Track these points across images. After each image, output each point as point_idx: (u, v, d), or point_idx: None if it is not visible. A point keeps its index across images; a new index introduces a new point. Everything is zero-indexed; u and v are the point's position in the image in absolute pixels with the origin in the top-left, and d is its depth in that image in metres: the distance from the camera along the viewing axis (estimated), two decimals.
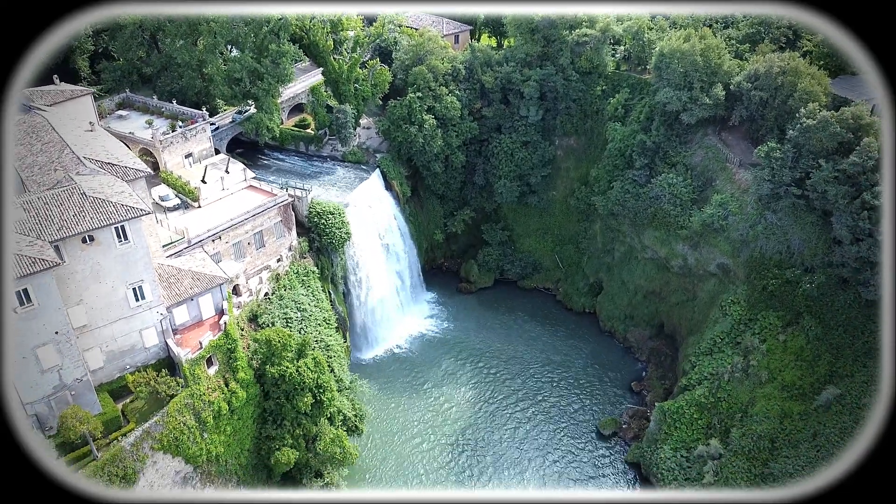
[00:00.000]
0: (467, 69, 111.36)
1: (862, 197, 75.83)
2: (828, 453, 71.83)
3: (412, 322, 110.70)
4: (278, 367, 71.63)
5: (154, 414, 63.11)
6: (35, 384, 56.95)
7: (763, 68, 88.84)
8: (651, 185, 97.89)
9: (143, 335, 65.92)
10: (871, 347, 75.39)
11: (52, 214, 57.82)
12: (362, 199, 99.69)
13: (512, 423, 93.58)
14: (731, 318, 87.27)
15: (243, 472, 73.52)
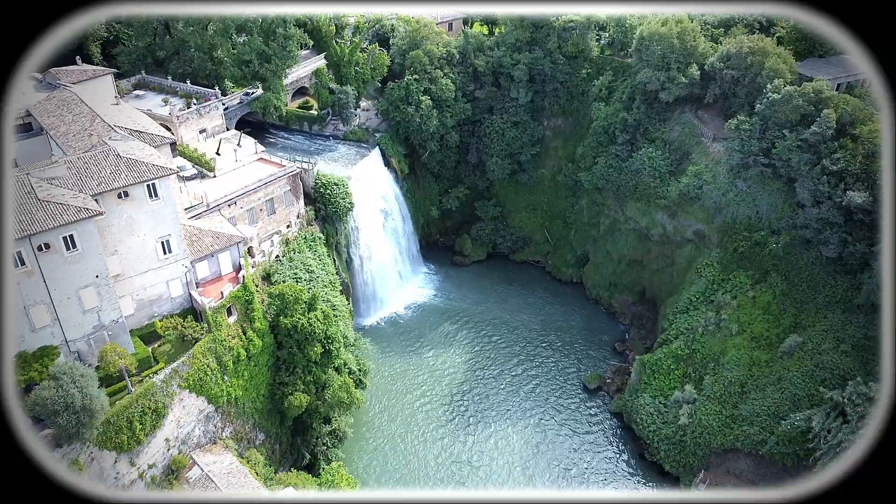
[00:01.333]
0: (461, 54, 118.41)
1: (822, 163, 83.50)
2: (791, 394, 79.42)
3: (410, 291, 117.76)
4: (291, 318, 78.45)
5: (181, 356, 69.93)
6: (77, 323, 63.62)
7: (734, 49, 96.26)
8: (632, 159, 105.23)
9: (170, 286, 72.66)
10: (832, 300, 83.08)
11: (91, 173, 64.51)
12: (364, 173, 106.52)
13: (504, 380, 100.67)
14: (706, 279, 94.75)
15: (259, 415, 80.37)
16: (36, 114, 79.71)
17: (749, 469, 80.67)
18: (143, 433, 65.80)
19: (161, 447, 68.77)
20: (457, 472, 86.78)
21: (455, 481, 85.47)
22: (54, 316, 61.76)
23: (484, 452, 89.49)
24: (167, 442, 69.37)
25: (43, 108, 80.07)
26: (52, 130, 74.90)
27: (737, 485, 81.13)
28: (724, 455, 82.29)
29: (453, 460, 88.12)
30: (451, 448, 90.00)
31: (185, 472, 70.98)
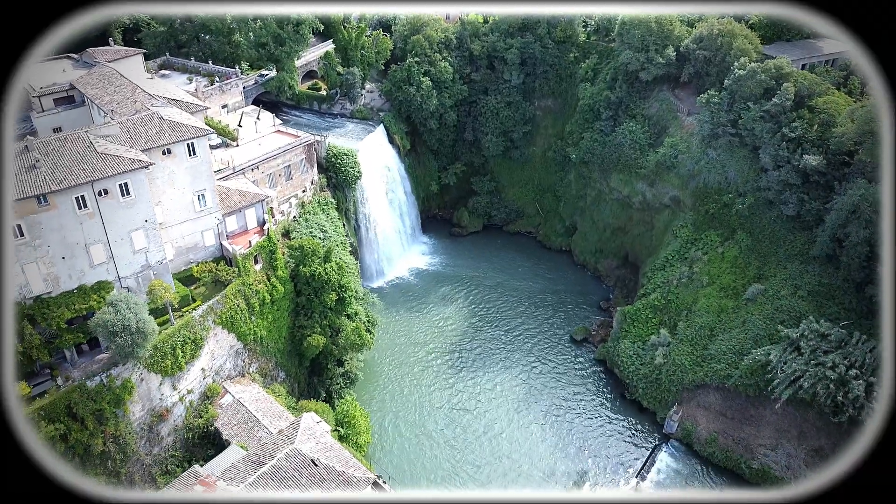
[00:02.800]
0: (458, 39, 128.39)
1: (782, 131, 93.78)
2: (753, 334, 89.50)
3: (412, 258, 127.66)
4: (309, 268, 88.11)
5: (215, 296, 79.49)
6: (128, 262, 73.05)
7: (706, 31, 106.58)
8: (615, 133, 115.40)
9: (204, 235, 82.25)
10: (790, 253, 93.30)
11: (139, 132, 74.07)
12: (370, 147, 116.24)
13: (499, 334, 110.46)
14: (681, 239, 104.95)
15: (280, 355, 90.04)
16: (80, 87, 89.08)
17: (717, 401, 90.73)
18: (184, 360, 75.46)
19: (198, 375, 78.47)
20: (457, 411, 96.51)
21: (454, 419, 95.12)
22: (109, 254, 71.22)
23: (481, 395, 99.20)
24: (203, 371, 79.07)
25: (86, 82, 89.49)
26: (96, 100, 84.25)
27: (706, 417, 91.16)
28: (695, 390, 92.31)
29: (453, 405, 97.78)
30: (450, 390, 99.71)
31: (218, 399, 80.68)
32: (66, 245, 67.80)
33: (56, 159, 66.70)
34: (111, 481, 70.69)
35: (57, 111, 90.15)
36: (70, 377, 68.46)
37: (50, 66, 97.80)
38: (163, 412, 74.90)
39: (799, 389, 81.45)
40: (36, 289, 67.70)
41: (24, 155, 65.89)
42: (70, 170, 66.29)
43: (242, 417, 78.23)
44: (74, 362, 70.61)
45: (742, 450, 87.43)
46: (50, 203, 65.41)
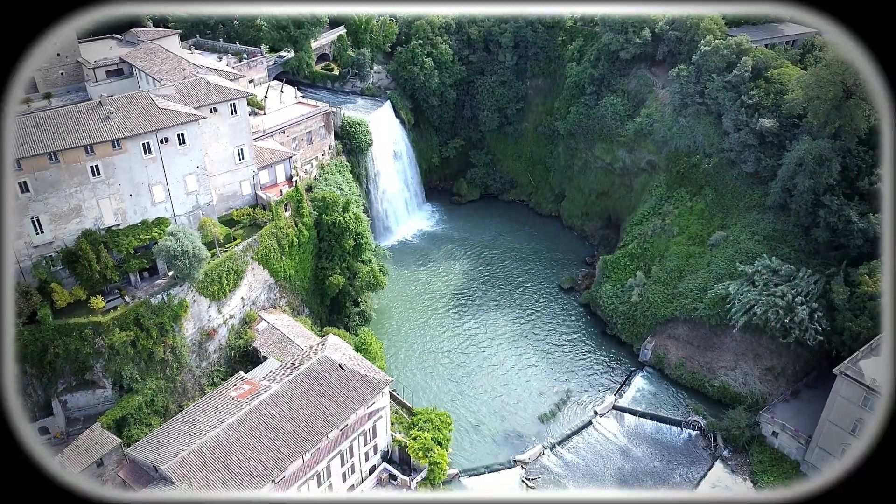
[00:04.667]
0: (457, 24, 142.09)
1: (741, 99, 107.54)
2: (716, 273, 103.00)
3: (416, 222, 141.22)
4: (330, 216, 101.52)
5: (252, 236, 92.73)
6: (182, 202, 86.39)
7: (678, 14, 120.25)
8: (598, 106, 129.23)
9: (242, 185, 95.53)
10: (749, 205, 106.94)
11: (190, 94, 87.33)
12: (379, 120, 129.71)
13: (495, 285, 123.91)
14: (655, 197, 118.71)
15: (305, 292, 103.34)
16: (130, 60, 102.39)
17: (685, 332, 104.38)
18: (228, 288, 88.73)
19: (238, 303, 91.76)
20: (459, 344, 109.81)
21: (457, 351, 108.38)
22: (167, 194, 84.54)
23: (479, 334, 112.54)
24: (242, 300, 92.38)
25: (134, 56, 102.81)
26: (147, 70, 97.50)
27: (676, 346, 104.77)
28: (666, 323, 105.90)
29: (456, 342, 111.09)
30: (453, 329, 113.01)
31: (255, 325, 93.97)
32: (133, 184, 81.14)
33: (126, 112, 79.97)
34: (168, 386, 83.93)
35: (109, 82, 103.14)
36: (135, 296, 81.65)
37: (99, 45, 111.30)
38: (210, 331, 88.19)
39: (753, 316, 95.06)
40: (108, 221, 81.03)
41: (99, 109, 79.15)
42: (138, 121, 79.61)
43: (277, 338, 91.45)
44: (137, 285, 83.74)
45: (706, 371, 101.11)
46: (122, 147, 78.73)
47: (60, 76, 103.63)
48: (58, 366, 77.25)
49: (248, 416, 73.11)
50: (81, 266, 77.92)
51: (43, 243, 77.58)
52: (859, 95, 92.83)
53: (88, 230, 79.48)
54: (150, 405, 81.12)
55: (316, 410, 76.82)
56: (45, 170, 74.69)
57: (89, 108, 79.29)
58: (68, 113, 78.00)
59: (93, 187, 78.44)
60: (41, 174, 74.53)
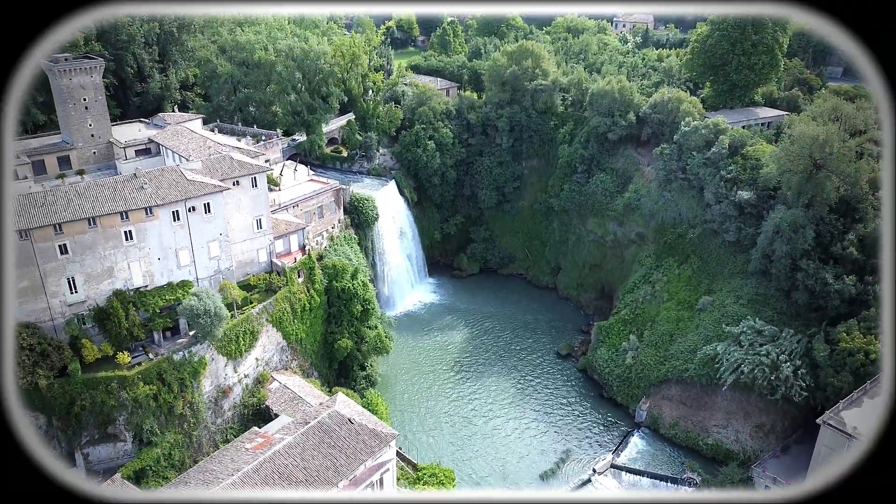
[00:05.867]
0: (457, 110, 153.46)
1: (720, 173, 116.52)
2: (704, 335, 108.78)
3: (420, 295, 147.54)
4: (340, 283, 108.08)
5: (268, 300, 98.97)
6: (205, 266, 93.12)
7: (660, 98, 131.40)
8: (589, 183, 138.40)
9: (259, 253, 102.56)
10: (733, 271, 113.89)
11: (216, 168, 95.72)
12: (384, 197, 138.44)
13: (495, 351, 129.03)
14: (645, 267, 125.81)
15: (315, 356, 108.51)
16: (158, 140, 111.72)
17: (678, 393, 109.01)
18: (244, 348, 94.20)
19: (253, 363, 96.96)
20: (460, 408, 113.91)
21: (459, 415, 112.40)
22: (192, 258, 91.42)
23: (480, 397, 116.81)
24: (257, 360, 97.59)
25: (163, 136, 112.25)
26: (175, 148, 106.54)
27: (669, 406, 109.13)
28: (660, 385, 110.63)
29: (458, 405, 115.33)
30: (455, 394, 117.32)
31: (267, 384, 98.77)
32: (162, 248, 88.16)
33: (158, 183, 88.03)
34: (185, 441, 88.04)
35: (138, 160, 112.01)
36: (158, 353, 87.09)
37: (128, 127, 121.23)
38: (226, 389, 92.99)
39: (741, 374, 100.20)
40: (137, 282, 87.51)
41: (134, 180, 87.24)
42: (169, 191, 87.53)
43: (288, 397, 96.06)
44: (160, 343, 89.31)
45: (699, 430, 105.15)
46: (154, 214, 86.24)
47: (93, 155, 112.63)
48: (83, 418, 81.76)
49: (262, 465, 77.02)
50: (111, 323, 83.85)
51: (76, 302, 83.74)
52: (828, 168, 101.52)
53: (119, 290, 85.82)
54: (168, 458, 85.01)
55: (326, 461, 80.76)
56: (84, 234, 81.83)
57: (125, 179, 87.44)
58: (107, 183, 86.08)
59: (125, 250, 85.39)
60: (80, 237, 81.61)
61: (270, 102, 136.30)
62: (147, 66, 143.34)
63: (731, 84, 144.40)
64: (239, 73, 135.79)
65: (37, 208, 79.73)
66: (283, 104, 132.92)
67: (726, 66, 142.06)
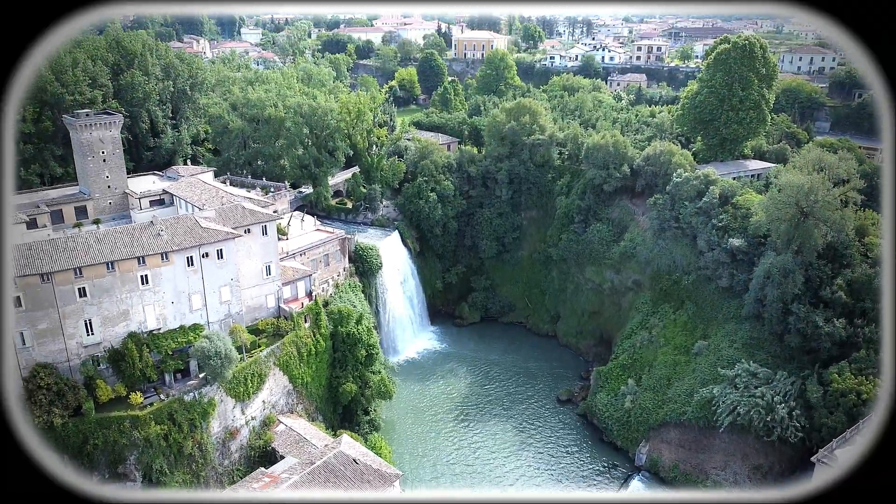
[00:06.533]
0: (458, 164, 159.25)
1: (712, 222, 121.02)
2: (700, 378, 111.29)
3: (422, 343, 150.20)
4: (345, 328, 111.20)
5: (275, 343, 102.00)
6: (216, 310, 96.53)
7: (652, 152, 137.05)
8: (586, 233, 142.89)
9: (267, 298, 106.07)
10: (727, 316, 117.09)
11: (228, 216, 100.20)
12: (388, 247, 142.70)
13: (496, 398, 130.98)
14: (642, 313, 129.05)
15: (320, 400, 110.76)
16: (172, 191, 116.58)
17: (676, 436, 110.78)
18: (252, 390, 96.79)
19: (260, 405, 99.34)
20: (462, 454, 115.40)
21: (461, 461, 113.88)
22: (204, 303, 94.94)
23: (483, 443, 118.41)
24: (264, 403, 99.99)
25: (176, 187, 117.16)
26: (189, 199, 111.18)
27: (669, 449, 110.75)
28: (659, 428, 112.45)
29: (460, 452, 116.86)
30: (457, 439, 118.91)
31: (274, 427, 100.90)
32: (176, 292, 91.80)
33: (173, 230, 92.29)
34: (193, 481, 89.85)
35: (152, 210, 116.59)
36: (169, 394, 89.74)
37: (142, 179, 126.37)
38: (234, 430, 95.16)
39: (737, 416, 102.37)
40: (150, 325, 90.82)
41: (151, 227, 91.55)
42: (184, 237, 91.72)
43: (294, 439, 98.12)
44: (171, 385, 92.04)
45: (698, 473, 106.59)
46: (169, 260, 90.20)
47: (109, 205, 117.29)
48: (95, 457, 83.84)
49: None
50: (126, 364, 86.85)
51: (92, 344, 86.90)
52: (814, 216, 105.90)
53: (133, 332, 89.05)
54: None
55: None
56: (103, 277, 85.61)
57: (143, 226, 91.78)
58: (125, 230, 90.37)
59: (141, 294, 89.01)
60: (99, 281, 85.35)
61: (279, 156, 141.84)
62: (160, 123, 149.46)
63: (721, 138, 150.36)
64: (249, 129, 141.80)
65: (59, 252, 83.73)
66: (291, 158, 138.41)
67: (716, 121, 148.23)
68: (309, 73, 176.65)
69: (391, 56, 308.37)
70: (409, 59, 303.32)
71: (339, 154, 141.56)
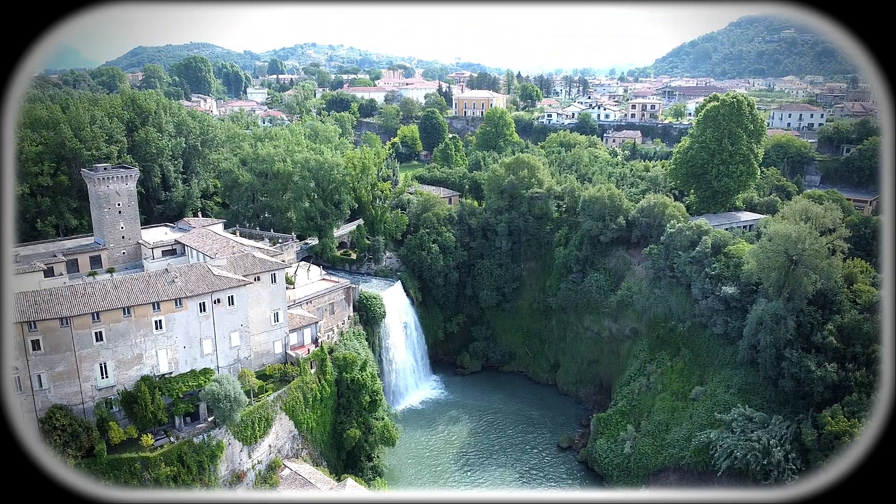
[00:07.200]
0: (459, 216, 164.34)
1: (705, 271, 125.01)
2: (698, 423, 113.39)
3: (424, 391, 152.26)
4: (350, 374, 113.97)
5: (282, 388, 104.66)
6: (226, 355, 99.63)
7: (647, 204, 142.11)
8: (584, 282, 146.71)
9: (274, 345, 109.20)
10: (722, 362, 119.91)
11: (239, 264, 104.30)
12: (391, 297, 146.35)
13: (497, 445, 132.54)
14: (640, 360, 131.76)
15: (324, 446, 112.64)
16: (184, 241, 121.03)
17: (675, 480, 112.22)
18: (259, 434, 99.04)
19: (266, 449, 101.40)
20: None
21: None
22: (214, 347, 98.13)
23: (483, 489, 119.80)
24: (270, 447, 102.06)
25: (188, 238, 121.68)
26: (201, 248, 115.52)
27: None
28: (658, 474, 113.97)
29: None
30: (460, 486, 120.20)
31: (279, 471, 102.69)
32: (188, 337, 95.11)
33: (187, 278, 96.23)
34: None
35: (164, 259, 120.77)
36: (179, 437, 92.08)
37: (154, 231, 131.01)
38: (240, 474, 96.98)
39: (735, 460, 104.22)
40: (163, 368, 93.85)
41: (166, 275, 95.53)
42: (197, 284, 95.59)
43: (299, 483, 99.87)
44: (181, 428, 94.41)
45: None
46: (183, 306, 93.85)
47: (122, 255, 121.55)
48: None
49: None
50: (138, 407, 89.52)
51: (106, 386, 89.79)
52: (803, 264, 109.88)
53: (146, 376, 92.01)
54: None
55: None
56: (119, 322, 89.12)
57: (158, 273, 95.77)
58: (141, 277, 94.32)
59: (154, 339, 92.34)
60: (115, 326, 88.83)
61: (286, 209, 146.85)
62: (172, 177, 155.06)
63: (713, 191, 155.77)
64: (258, 183, 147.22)
65: (77, 298, 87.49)
66: (298, 210, 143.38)
67: (707, 175, 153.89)
68: (316, 129, 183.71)
69: (393, 114, 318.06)
70: (411, 116, 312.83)
71: (345, 206, 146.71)
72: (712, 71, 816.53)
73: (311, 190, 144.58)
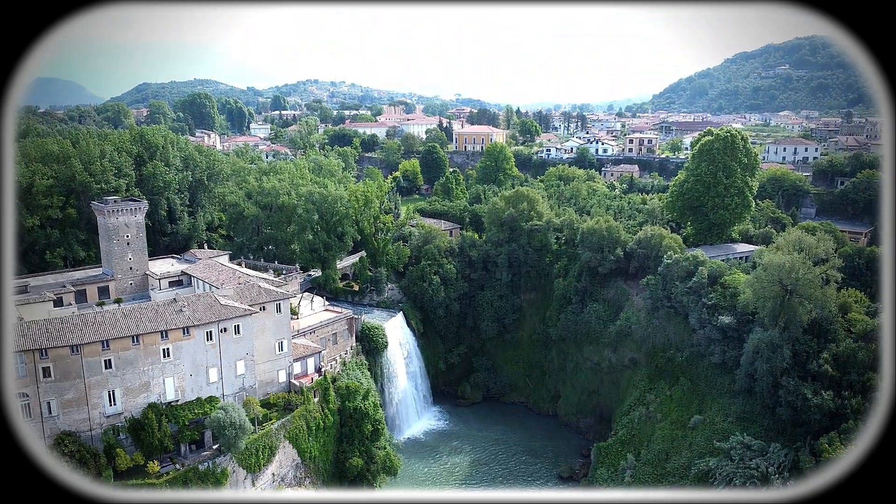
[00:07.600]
0: (460, 248, 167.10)
1: (702, 301, 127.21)
2: (697, 451, 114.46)
3: (425, 422, 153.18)
4: (352, 403, 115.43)
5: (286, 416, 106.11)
6: (232, 383, 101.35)
7: (644, 236, 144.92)
8: (584, 313, 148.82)
9: (279, 373, 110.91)
10: (720, 391, 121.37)
11: (245, 294, 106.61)
12: (392, 328, 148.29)
13: (499, 476, 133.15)
14: (639, 389, 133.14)
15: (327, 475, 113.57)
16: (191, 272, 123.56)
17: None
18: (263, 462, 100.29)
19: (270, 478, 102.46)
20: None
21: None
22: (220, 376, 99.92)
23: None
24: (273, 475, 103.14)
25: (195, 269, 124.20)
26: (206, 279, 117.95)
27: None
28: None
29: None
30: None
31: None
32: (195, 366, 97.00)
33: (194, 307, 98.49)
34: None
35: (171, 290, 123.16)
36: (184, 464, 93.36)
37: (161, 262, 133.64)
38: None
39: (734, 488, 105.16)
40: (169, 396, 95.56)
41: (174, 304, 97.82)
42: (205, 313, 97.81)
43: None
44: (186, 455, 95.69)
45: None
46: (190, 334, 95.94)
47: (129, 286, 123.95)
48: None
49: None
50: (145, 434, 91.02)
51: (114, 413, 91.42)
52: (798, 293, 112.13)
53: (153, 403, 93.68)
54: None
55: None
56: (128, 350, 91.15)
57: (166, 303, 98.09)
58: (149, 307, 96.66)
59: (162, 367, 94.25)
60: (124, 353, 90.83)
61: (290, 241, 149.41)
62: (178, 210, 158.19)
63: (709, 223, 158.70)
64: (263, 216, 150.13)
65: (88, 327, 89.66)
66: (301, 242, 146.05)
67: (703, 207, 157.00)
68: (319, 163, 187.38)
69: (395, 149, 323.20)
70: (412, 151, 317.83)
71: (348, 239, 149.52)
72: (709, 106, 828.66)
73: (315, 222, 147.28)
